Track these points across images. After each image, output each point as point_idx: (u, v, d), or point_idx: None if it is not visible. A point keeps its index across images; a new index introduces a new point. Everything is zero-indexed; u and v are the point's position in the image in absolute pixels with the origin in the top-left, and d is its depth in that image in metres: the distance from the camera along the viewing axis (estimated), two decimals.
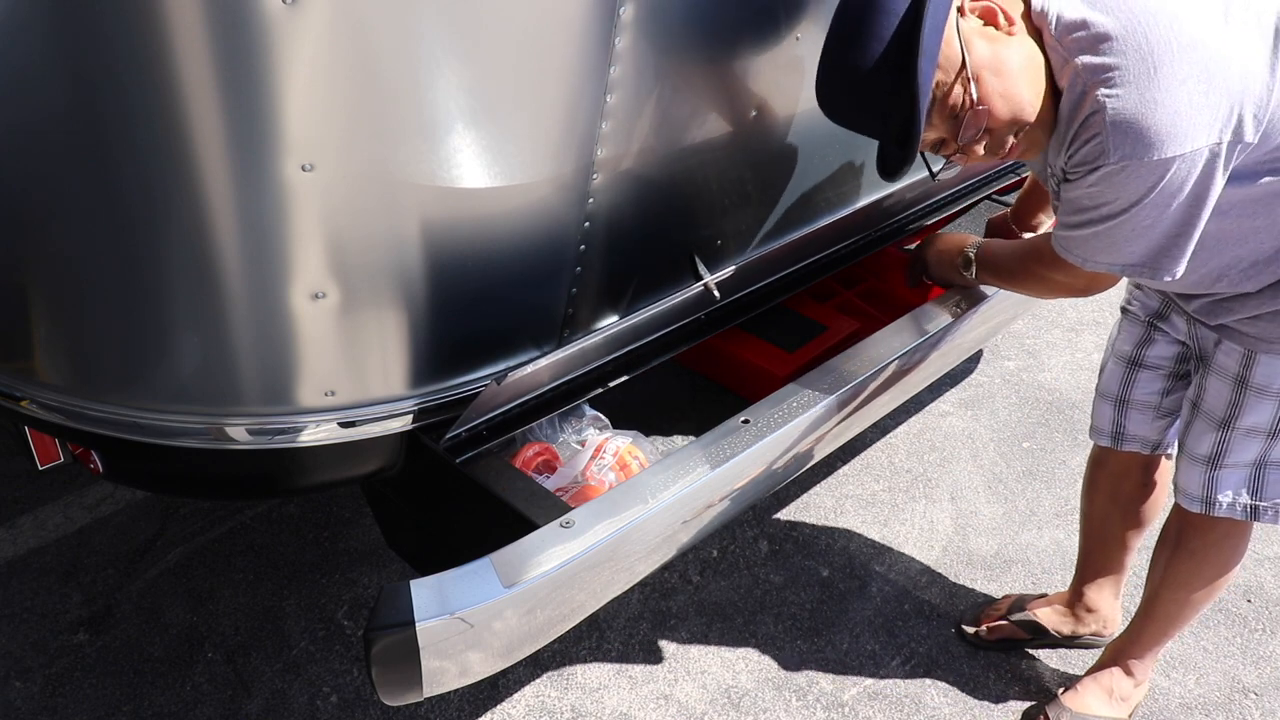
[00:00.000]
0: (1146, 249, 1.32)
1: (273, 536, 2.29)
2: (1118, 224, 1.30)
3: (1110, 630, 2.05)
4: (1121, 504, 1.91)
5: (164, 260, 1.23)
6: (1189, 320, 1.60)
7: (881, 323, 1.86)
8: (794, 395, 1.60)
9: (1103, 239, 1.34)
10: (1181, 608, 1.77)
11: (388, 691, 1.23)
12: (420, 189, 1.24)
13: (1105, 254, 1.36)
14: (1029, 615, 2.07)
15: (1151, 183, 1.24)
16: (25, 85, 1.13)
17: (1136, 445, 1.81)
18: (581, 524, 1.30)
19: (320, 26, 1.06)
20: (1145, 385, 1.75)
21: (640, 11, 1.30)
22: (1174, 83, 1.20)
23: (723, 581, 2.22)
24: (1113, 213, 1.29)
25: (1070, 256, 1.41)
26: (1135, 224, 1.29)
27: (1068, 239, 1.40)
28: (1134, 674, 1.88)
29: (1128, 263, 1.35)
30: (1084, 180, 1.29)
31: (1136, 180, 1.24)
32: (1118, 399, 1.79)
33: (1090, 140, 1.25)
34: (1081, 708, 1.87)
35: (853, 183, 2.01)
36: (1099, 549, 2.00)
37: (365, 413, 1.40)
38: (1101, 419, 1.83)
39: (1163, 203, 1.26)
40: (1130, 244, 1.32)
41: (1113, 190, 1.27)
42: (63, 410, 1.40)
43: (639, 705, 1.94)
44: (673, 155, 1.53)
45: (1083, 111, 1.25)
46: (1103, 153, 1.24)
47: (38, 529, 2.28)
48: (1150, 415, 1.77)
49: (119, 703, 1.90)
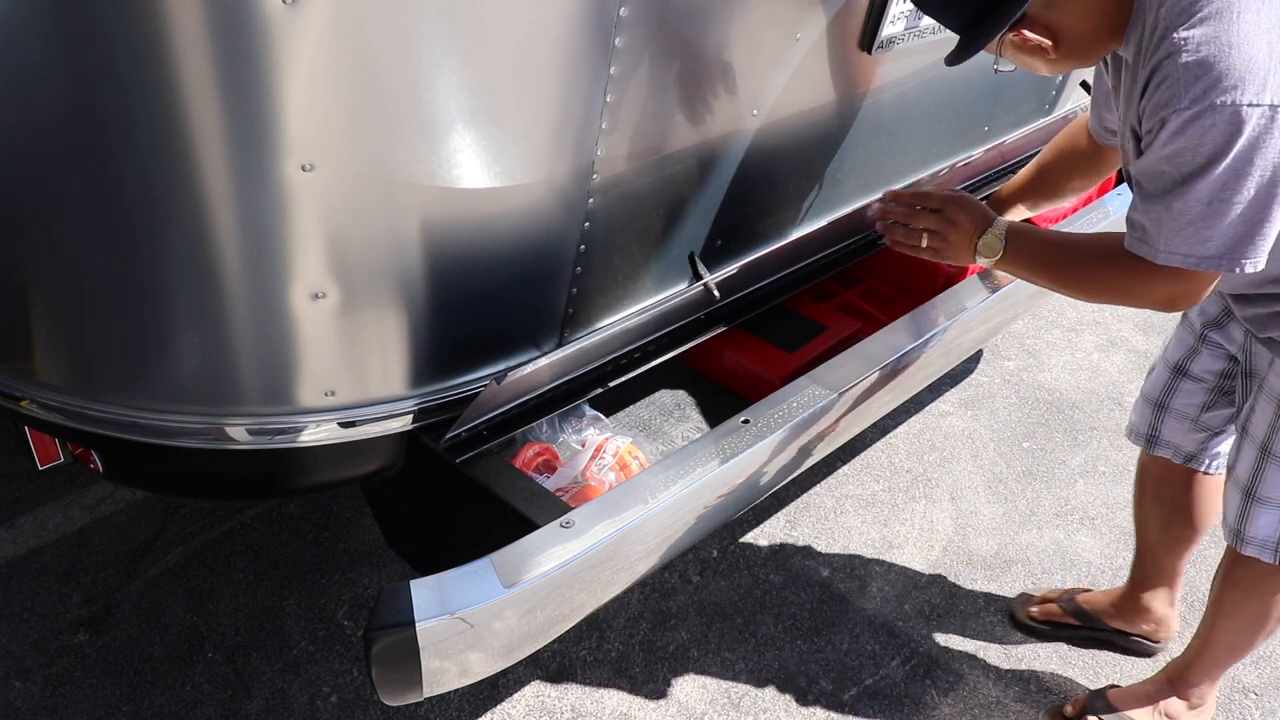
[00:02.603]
0: (1228, 230, 1.21)
1: (273, 536, 2.29)
2: (1195, 190, 1.20)
3: (1163, 635, 2.04)
4: (1164, 510, 1.90)
5: (164, 260, 1.23)
6: (1245, 331, 1.56)
7: (881, 323, 1.86)
8: (794, 395, 1.60)
9: (1179, 216, 1.23)
10: (1232, 636, 1.73)
11: (388, 691, 1.23)
12: (420, 189, 1.24)
13: (1183, 237, 1.24)
14: (1079, 603, 2.08)
15: (1228, 134, 1.15)
16: (25, 85, 1.13)
17: (1168, 451, 1.79)
18: (581, 524, 1.30)
19: (320, 26, 1.06)
20: (1186, 396, 1.74)
21: (640, 10, 1.30)
22: (1255, 30, 1.14)
23: (723, 581, 2.22)
24: (1189, 172, 1.20)
25: (1144, 248, 1.28)
26: (1214, 191, 1.19)
27: (1143, 224, 1.28)
28: (1187, 697, 1.84)
29: (1206, 253, 1.23)
30: (1157, 140, 1.22)
31: (1212, 131, 1.16)
32: (1157, 403, 1.78)
33: (1163, 84, 1.19)
34: (1122, 707, 1.85)
35: (853, 182, 2.01)
36: (1147, 551, 1.99)
37: (365, 413, 1.40)
38: (1139, 419, 1.83)
39: (1241, 167, 1.17)
40: (1209, 223, 1.21)
41: (1188, 144, 1.18)
42: (63, 410, 1.40)
43: (639, 705, 1.94)
44: (673, 155, 1.53)
45: (1159, 54, 1.20)
46: (1174, 97, 1.17)
47: (38, 529, 2.28)
48: (1186, 426, 1.76)
49: (119, 703, 1.90)
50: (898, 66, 1.88)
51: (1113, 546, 2.37)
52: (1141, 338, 3.21)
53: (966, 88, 2.17)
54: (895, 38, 1.76)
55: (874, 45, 1.72)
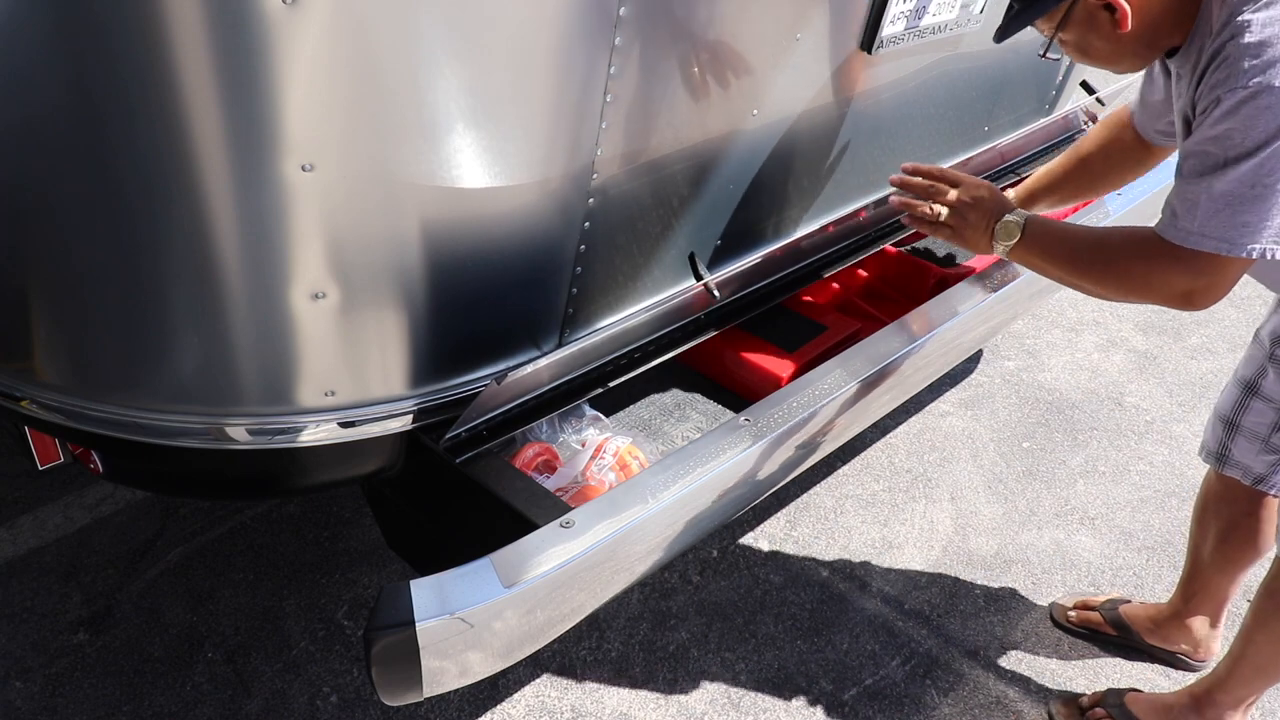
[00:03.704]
0: (1267, 216, 1.17)
1: (273, 536, 2.29)
2: (1239, 172, 1.16)
3: (1203, 656, 2.01)
4: (1222, 526, 1.85)
5: (164, 260, 1.22)
6: None
7: (881, 323, 1.86)
8: (794, 395, 1.60)
9: (1221, 198, 1.19)
10: (1262, 654, 1.69)
11: (388, 691, 1.23)
12: (420, 189, 1.24)
13: (1219, 220, 1.20)
14: (1120, 613, 2.06)
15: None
16: (25, 85, 1.13)
17: (1238, 472, 1.73)
18: (581, 524, 1.30)
19: (320, 26, 1.06)
20: (1256, 415, 1.67)
21: (640, 9, 1.30)
22: None
23: (723, 581, 2.22)
24: (1237, 154, 1.16)
25: (1174, 232, 1.24)
26: (1258, 175, 1.15)
27: (1177, 207, 1.25)
28: (1204, 714, 1.80)
29: (1240, 239, 1.19)
30: (1210, 117, 1.19)
31: (1266, 112, 1.13)
32: (1229, 421, 1.72)
33: (1223, 64, 1.17)
34: (1137, 712, 1.84)
35: (854, 182, 2.01)
36: (1196, 568, 1.94)
37: (365, 413, 1.40)
38: (1210, 436, 1.78)
39: None
40: (1249, 208, 1.17)
41: (1238, 125, 1.15)
42: (63, 410, 1.40)
43: (639, 705, 1.94)
44: (673, 155, 1.53)
45: (1223, 37, 1.18)
46: (1231, 75, 1.15)
47: (38, 529, 2.28)
48: (1257, 446, 1.69)
49: (119, 703, 1.90)
50: (898, 66, 1.88)
51: (1112, 547, 2.37)
52: (1141, 338, 3.21)
53: (966, 88, 2.17)
54: (895, 37, 1.76)
55: (874, 45, 1.72)
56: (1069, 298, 3.38)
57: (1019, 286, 1.98)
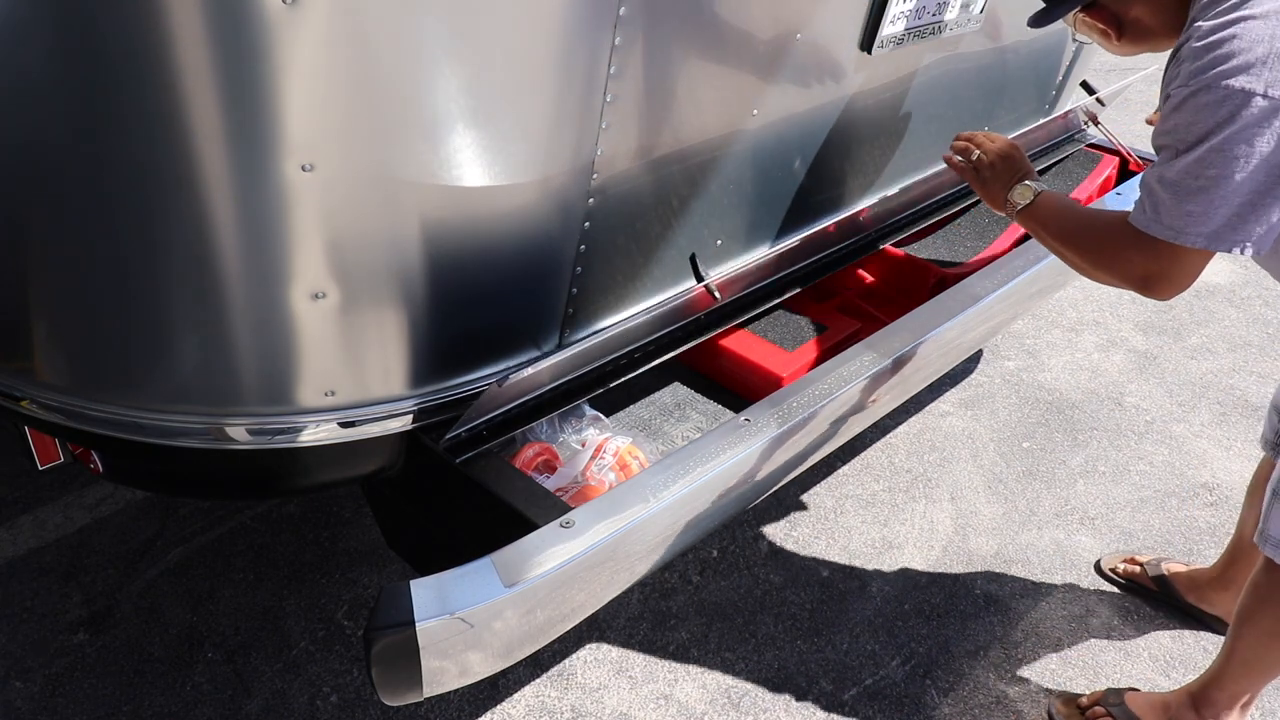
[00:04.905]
0: (1212, 211, 1.25)
1: (273, 536, 2.29)
2: (1188, 164, 1.25)
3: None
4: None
5: (164, 260, 1.23)
6: None
7: (881, 323, 1.86)
8: (794, 395, 1.60)
9: (1170, 187, 1.27)
10: (1248, 648, 1.70)
11: (388, 691, 1.23)
12: (420, 189, 1.24)
13: (1170, 211, 1.28)
14: (1163, 570, 2.14)
15: (1223, 115, 1.21)
16: (25, 85, 1.13)
17: None
18: (581, 524, 1.30)
19: (320, 26, 1.06)
20: None
21: (639, 9, 1.30)
22: (1265, 27, 1.20)
23: (723, 581, 2.22)
24: (1185, 147, 1.25)
25: (1138, 216, 1.33)
26: (1203, 168, 1.24)
27: (1144, 191, 1.34)
28: (1201, 712, 1.80)
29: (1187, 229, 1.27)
30: (1163, 115, 1.29)
31: (1208, 109, 1.22)
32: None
33: (1178, 63, 1.28)
34: (1136, 710, 1.85)
35: (854, 182, 2.01)
36: (1242, 546, 2.02)
37: (365, 413, 1.40)
38: (1268, 426, 1.85)
39: (1229, 148, 1.21)
40: (1194, 199, 1.25)
41: (1183, 120, 1.25)
42: (63, 410, 1.40)
43: (639, 705, 1.94)
44: (673, 155, 1.53)
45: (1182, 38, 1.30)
46: (1180, 74, 1.26)
47: (38, 529, 2.28)
48: None
49: (119, 703, 1.90)
50: (898, 66, 1.88)
51: (1112, 546, 2.37)
52: (1141, 337, 3.21)
53: (966, 88, 2.17)
54: (895, 37, 1.76)
55: (874, 45, 1.72)
56: (1069, 297, 3.39)
57: (1019, 286, 1.98)
